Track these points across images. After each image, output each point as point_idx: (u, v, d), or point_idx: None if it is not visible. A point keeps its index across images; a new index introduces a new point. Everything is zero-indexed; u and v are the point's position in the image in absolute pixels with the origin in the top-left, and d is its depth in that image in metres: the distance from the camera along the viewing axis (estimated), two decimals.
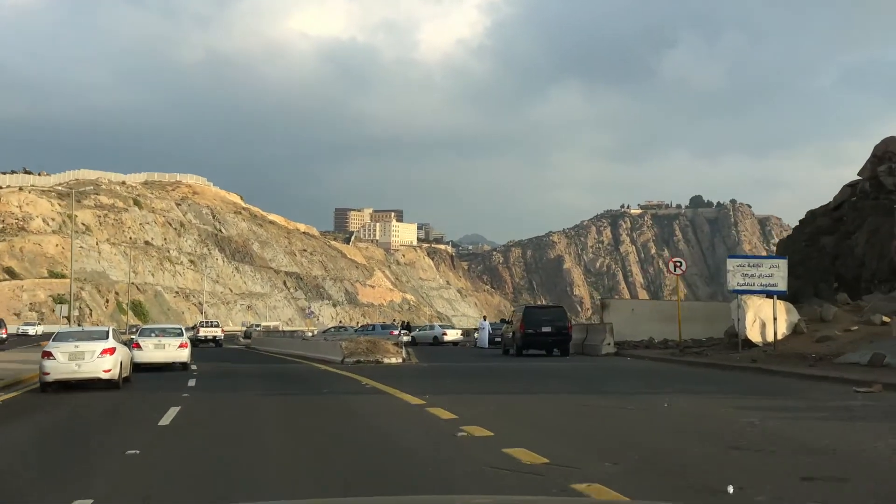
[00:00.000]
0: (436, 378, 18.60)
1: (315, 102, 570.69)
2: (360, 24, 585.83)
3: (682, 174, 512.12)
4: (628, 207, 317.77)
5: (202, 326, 59.08)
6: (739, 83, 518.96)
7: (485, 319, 44.31)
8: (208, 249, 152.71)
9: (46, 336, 28.05)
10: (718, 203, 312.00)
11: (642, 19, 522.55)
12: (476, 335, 43.99)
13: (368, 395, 14.78)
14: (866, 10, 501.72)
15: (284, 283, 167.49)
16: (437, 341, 48.02)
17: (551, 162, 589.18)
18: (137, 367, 21.71)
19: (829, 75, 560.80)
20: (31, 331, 78.01)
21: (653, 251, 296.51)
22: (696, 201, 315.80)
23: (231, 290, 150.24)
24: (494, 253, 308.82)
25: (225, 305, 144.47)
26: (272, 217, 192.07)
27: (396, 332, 45.83)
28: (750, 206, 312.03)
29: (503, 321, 34.99)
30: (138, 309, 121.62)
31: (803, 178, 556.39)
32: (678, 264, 25.67)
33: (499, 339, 41.01)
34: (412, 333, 51.02)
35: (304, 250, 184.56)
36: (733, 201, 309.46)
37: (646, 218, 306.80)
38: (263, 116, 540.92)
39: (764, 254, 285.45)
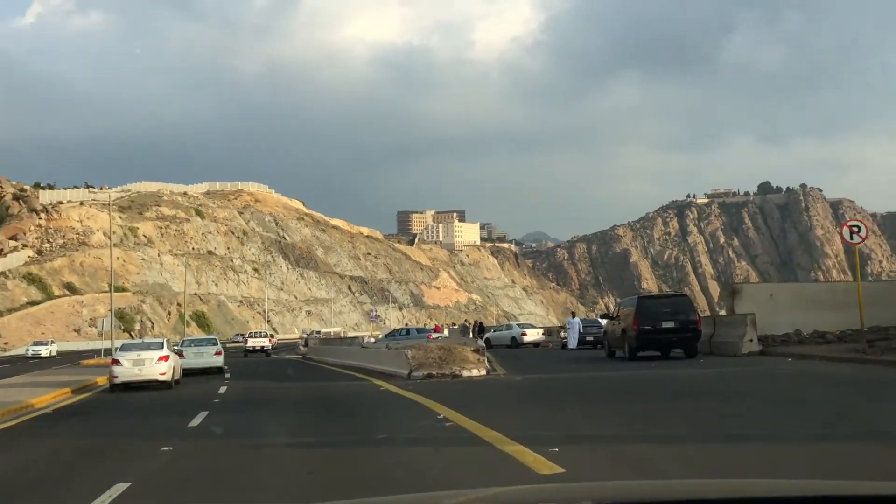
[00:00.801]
0: (543, 403, 12.93)
1: (373, 106, 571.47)
2: (415, 27, 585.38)
3: (748, 160, 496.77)
4: (694, 197, 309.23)
5: (250, 337, 58.49)
6: (801, 64, 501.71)
7: (574, 316, 38.38)
8: (272, 257, 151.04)
9: (58, 359, 28.28)
10: (788, 188, 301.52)
11: (698, 3, 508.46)
12: (563, 335, 38.14)
13: (453, 447, 8.86)
14: None
15: (349, 287, 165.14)
16: (516, 343, 42.53)
17: (612, 155, 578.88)
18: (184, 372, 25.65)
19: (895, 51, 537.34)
20: (44, 351, 63.86)
21: (721, 240, 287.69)
22: (765, 187, 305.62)
23: (296, 297, 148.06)
24: (559, 249, 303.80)
25: (290, 313, 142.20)
26: (335, 222, 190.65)
27: (436, 336, 40.77)
28: (821, 190, 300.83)
29: (605, 316, 28.20)
30: (201, 320, 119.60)
31: (875, 158, 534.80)
32: (856, 229, 18.95)
33: (590, 339, 35.54)
34: (487, 335, 45.78)
35: (368, 254, 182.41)
36: (803, 186, 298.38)
37: (713, 207, 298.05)
38: (323, 123, 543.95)
39: (838, 239, 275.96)
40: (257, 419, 12.54)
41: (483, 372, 18.85)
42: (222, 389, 20.16)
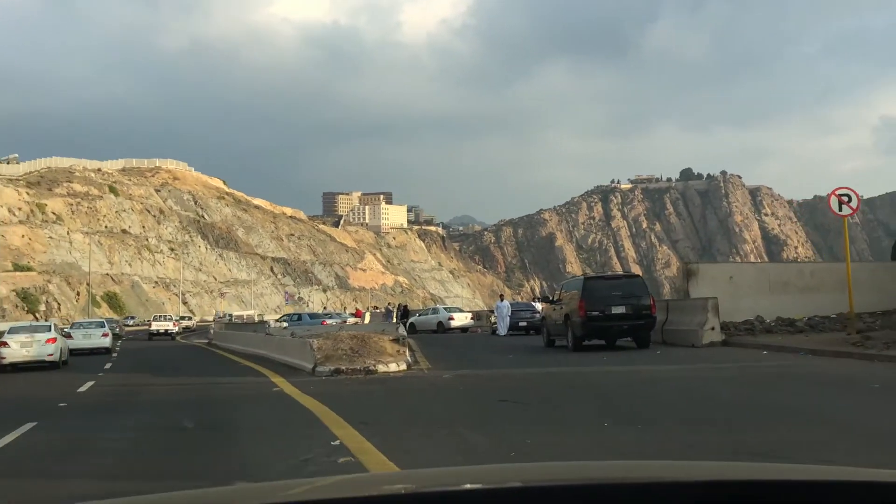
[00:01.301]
0: (478, 416, 9.32)
1: (300, 87, 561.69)
2: (343, 7, 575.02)
3: (671, 147, 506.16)
4: (619, 182, 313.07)
5: (155, 320, 57.05)
6: (724, 53, 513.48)
7: (502, 300, 35.21)
8: (190, 236, 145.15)
9: None
10: (709, 175, 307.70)
11: None
12: (493, 320, 35.08)
13: None
14: None
15: (272, 269, 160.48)
16: (443, 328, 39.36)
17: (540, 140, 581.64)
18: (72, 352, 27.34)
19: (815, 43, 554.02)
20: None
21: (644, 225, 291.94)
22: (687, 174, 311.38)
23: (215, 279, 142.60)
24: (486, 233, 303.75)
25: (209, 294, 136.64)
26: (257, 201, 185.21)
27: (332, 322, 37.99)
28: (740, 177, 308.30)
29: (545, 299, 24.36)
30: (113, 301, 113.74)
31: (793, 147, 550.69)
32: (845, 199, 15.88)
33: (523, 324, 32.67)
34: (411, 319, 42.36)
35: (292, 235, 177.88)
36: (723, 173, 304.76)
37: (636, 192, 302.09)
38: (249, 102, 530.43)
39: (756, 224, 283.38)
40: (88, 443, 9.03)
41: (403, 366, 15.56)
42: (86, 386, 16.46)
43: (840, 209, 15.79)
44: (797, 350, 14.86)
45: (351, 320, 42.60)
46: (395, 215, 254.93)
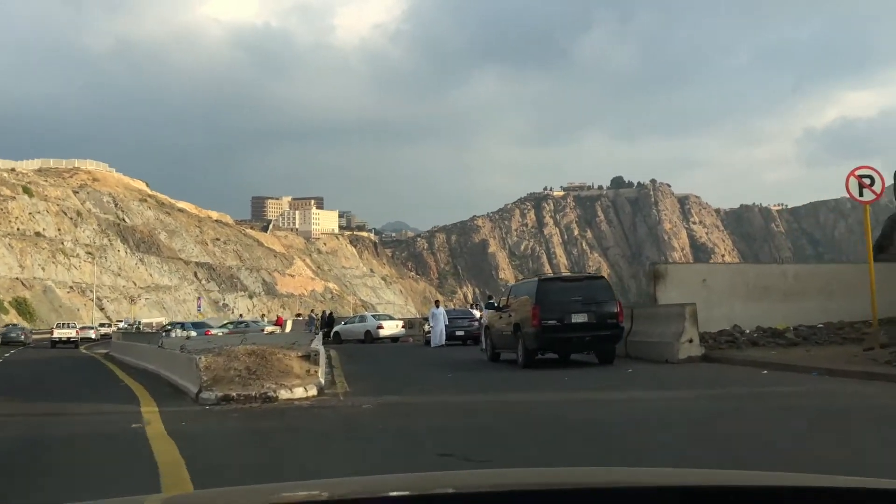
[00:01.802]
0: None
1: (230, 89, 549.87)
2: (273, 8, 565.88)
3: (602, 156, 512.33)
4: (551, 190, 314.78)
5: (57, 328, 53.25)
6: (653, 64, 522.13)
7: (438, 306, 31.68)
8: (109, 240, 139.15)
9: None
10: (639, 183, 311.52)
11: (557, 1, 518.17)
12: (427, 328, 31.88)
13: None
14: None
15: (195, 274, 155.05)
16: (371, 337, 35.95)
17: (474, 146, 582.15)
18: None
19: (741, 55, 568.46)
20: None
21: (576, 232, 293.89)
22: (617, 182, 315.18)
23: (135, 284, 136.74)
24: (418, 239, 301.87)
25: (128, 300, 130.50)
26: (181, 204, 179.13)
27: (270, 330, 34.91)
28: (670, 186, 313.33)
29: (489, 306, 20.48)
30: (23, 307, 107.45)
31: (719, 157, 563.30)
32: (867, 181, 12.74)
33: (460, 333, 29.22)
34: (336, 328, 38.69)
35: (217, 239, 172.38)
36: (653, 181, 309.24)
37: (568, 200, 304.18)
38: (176, 104, 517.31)
39: (684, 233, 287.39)
40: None
41: (313, 391, 12.06)
42: None
43: (861, 194, 12.79)
44: (807, 369, 11.84)
45: (269, 329, 38.70)
46: (326, 221, 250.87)
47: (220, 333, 31.27)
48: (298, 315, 56.07)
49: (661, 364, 14.66)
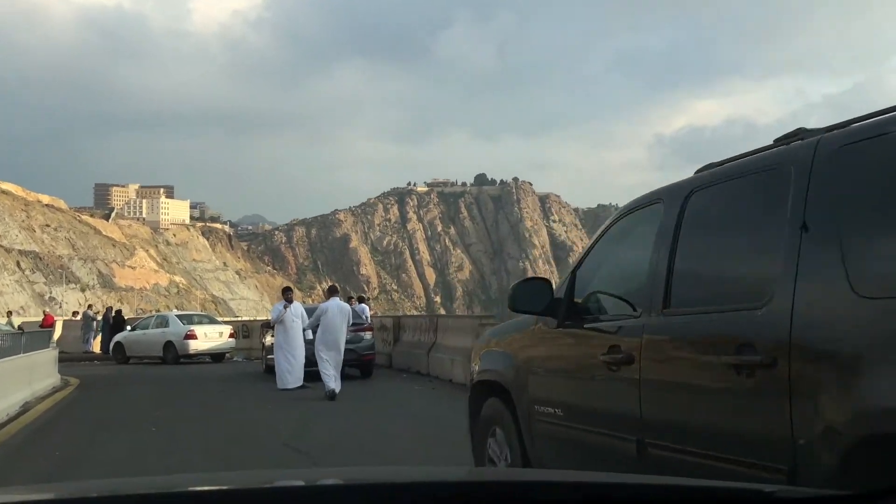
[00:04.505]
0: None
1: (76, 72, 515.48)
2: None
3: (464, 154, 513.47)
4: (415, 185, 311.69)
5: None
6: (512, 65, 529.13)
7: (289, 299, 17.07)
8: None
9: None
10: (502, 181, 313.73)
11: None
12: (266, 341, 20.16)
13: None
14: None
15: (18, 263, 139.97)
16: (175, 354, 25.03)
17: (336, 141, 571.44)
18: None
19: (597, 60, 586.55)
20: None
21: (439, 228, 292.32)
22: (481, 179, 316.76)
23: None
24: (276, 233, 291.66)
25: None
26: (5, 186, 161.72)
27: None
28: (531, 184, 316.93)
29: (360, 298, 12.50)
30: None
31: (575, 158, 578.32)
32: None
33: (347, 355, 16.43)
34: (119, 336, 27.00)
35: (47, 226, 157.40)
36: (515, 179, 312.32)
37: (432, 195, 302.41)
38: (13, 85, 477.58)
39: (544, 231, 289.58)
40: None
41: None
42: None
43: None
44: None
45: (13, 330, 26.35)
46: (176, 211, 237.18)
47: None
48: (75, 314, 39.74)
49: None
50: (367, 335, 19.23)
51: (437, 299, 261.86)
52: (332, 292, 16.22)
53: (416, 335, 21.70)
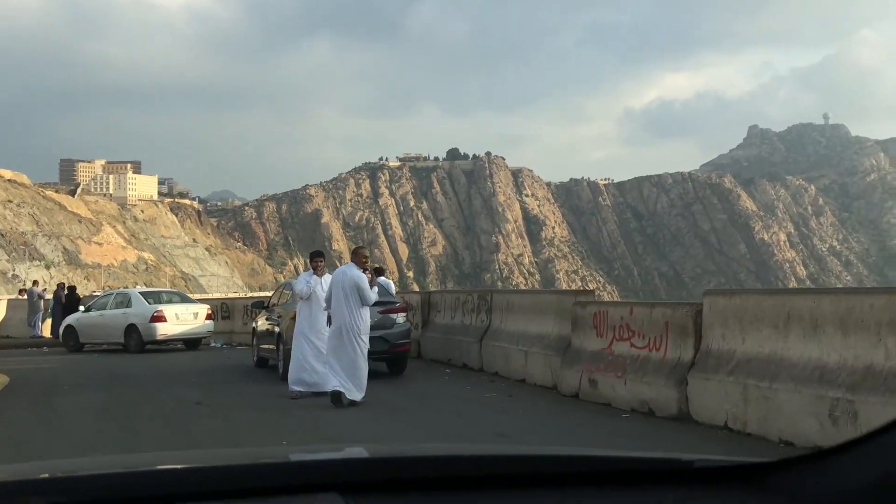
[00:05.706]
0: None
1: (38, 45, 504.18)
2: None
3: (437, 128, 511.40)
4: (387, 160, 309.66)
5: None
6: (484, 40, 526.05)
7: (319, 263, 13.11)
8: None
9: None
10: (474, 156, 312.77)
11: None
12: (259, 327, 17.16)
13: None
14: None
15: None
16: (139, 340, 21.57)
17: (306, 115, 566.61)
18: None
19: (568, 35, 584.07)
20: None
21: (412, 203, 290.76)
22: (453, 154, 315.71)
23: None
24: (246, 208, 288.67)
25: None
26: None
27: None
28: (504, 159, 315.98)
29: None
30: None
31: (547, 133, 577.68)
32: None
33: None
34: (73, 318, 23.48)
35: (10, 202, 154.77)
36: (488, 154, 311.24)
37: (404, 170, 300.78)
38: None
39: (517, 205, 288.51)
40: None
41: None
42: None
43: None
44: None
45: None
46: (144, 186, 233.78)
47: None
48: (22, 290, 36.12)
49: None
50: (400, 318, 14.66)
51: (410, 274, 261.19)
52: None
53: (456, 316, 17.37)
